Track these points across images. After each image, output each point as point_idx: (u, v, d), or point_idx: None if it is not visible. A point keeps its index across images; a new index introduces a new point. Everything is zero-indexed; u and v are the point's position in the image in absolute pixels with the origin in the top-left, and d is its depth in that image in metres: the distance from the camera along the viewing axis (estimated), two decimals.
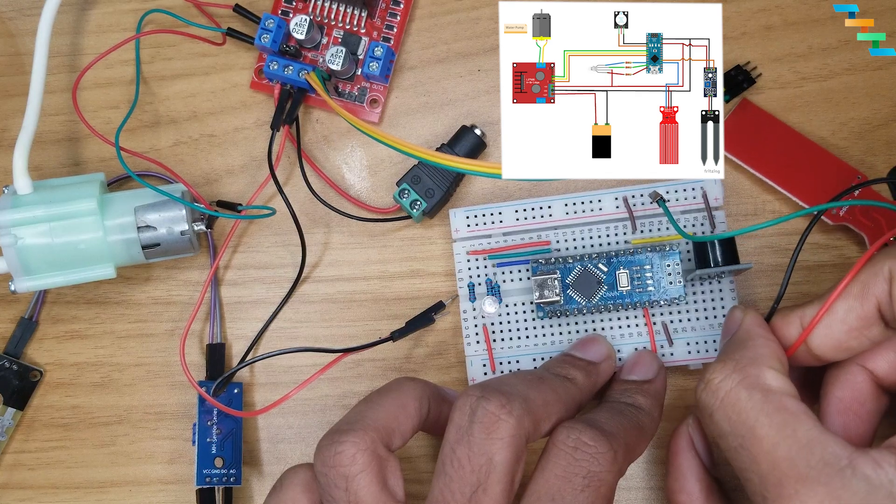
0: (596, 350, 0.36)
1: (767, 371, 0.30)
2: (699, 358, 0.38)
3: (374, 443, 0.30)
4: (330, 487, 0.30)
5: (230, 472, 0.39)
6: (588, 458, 0.30)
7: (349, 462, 0.30)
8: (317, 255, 0.42)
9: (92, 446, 0.41)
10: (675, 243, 0.38)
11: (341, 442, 0.30)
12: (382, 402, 0.32)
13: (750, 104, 0.40)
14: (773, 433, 0.28)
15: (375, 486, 0.30)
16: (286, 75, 0.40)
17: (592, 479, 0.30)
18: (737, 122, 0.40)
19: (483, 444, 0.29)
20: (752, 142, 0.39)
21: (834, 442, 0.27)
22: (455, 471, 0.29)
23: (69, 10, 0.43)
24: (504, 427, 0.29)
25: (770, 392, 0.29)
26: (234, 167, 0.42)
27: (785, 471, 0.27)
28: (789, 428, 0.28)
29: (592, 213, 0.39)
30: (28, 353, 0.42)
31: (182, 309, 0.42)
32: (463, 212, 0.39)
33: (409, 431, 0.32)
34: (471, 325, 0.39)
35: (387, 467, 0.31)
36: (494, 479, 0.29)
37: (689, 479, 0.34)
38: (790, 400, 0.29)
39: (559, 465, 0.30)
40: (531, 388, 0.32)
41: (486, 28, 0.42)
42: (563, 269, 0.38)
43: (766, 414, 0.28)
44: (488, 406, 0.30)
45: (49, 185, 0.39)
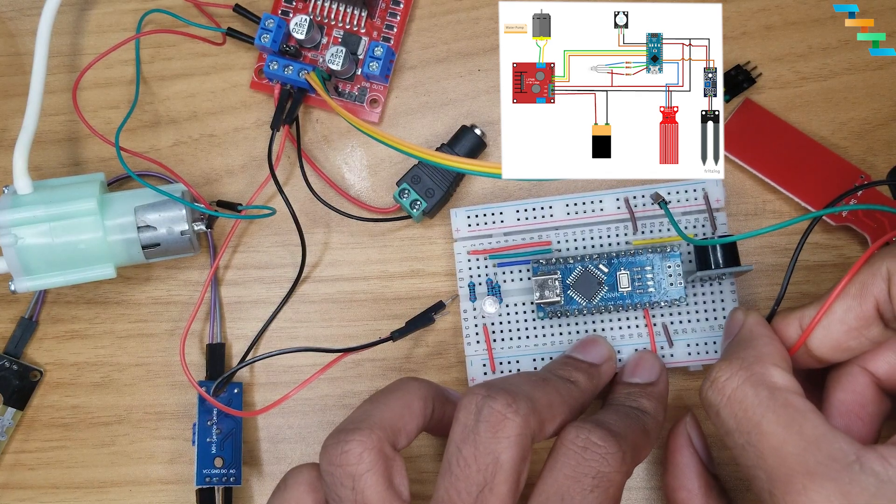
0: (597, 352, 0.36)
1: (773, 369, 0.30)
2: (699, 359, 0.38)
3: (381, 442, 0.30)
4: (336, 486, 0.30)
5: (230, 471, 0.39)
6: (597, 458, 0.30)
7: (356, 461, 0.30)
8: (317, 255, 0.42)
9: (92, 446, 0.41)
10: (676, 244, 0.38)
11: (348, 441, 0.30)
12: (388, 402, 0.32)
13: (753, 104, 0.40)
14: (779, 429, 0.28)
15: (381, 486, 0.30)
16: (286, 75, 0.40)
17: (602, 479, 0.30)
18: (739, 123, 0.40)
19: (489, 443, 0.29)
20: (754, 142, 0.39)
21: (841, 438, 0.27)
22: (461, 470, 0.29)
23: (69, 10, 0.43)
24: (510, 426, 0.29)
25: (776, 389, 0.29)
26: (234, 167, 0.42)
27: (792, 466, 0.27)
28: (796, 424, 0.28)
29: (594, 214, 0.39)
30: (28, 353, 0.42)
31: (182, 309, 0.42)
32: (464, 211, 0.39)
33: (414, 431, 0.32)
34: (471, 324, 0.39)
35: (393, 467, 0.31)
36: (501, 478, 0.29)
37: (688, 475, 0.34)
38: (796, 397, 0.29)
39: (568, 465, 0.30)
40: (536, 388, 0.32)
41: (486, 28, 0.42)
42: (564, 269, 0.38)
43: (772, 410, 0.28)
44: (494, 405, 0.29)
45: (49, 185, 0.39)
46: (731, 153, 0.40)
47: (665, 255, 0.38)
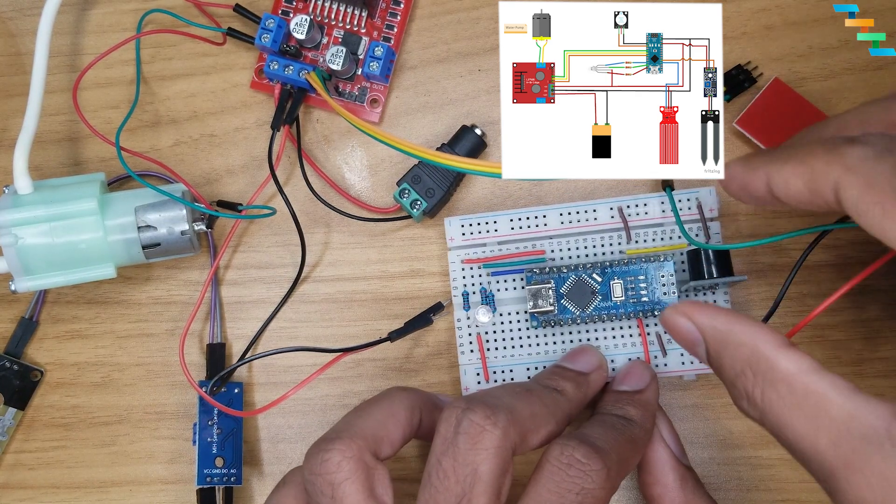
0: (586, 361, 0.36)
1: (776, 354, 0.27)
2: (693, 369, 0.38)
3: (361, 451, 0.31)
4: (317, 495, 0.30)
5: (231, 471, 0.39)
6: (581, 475, 0.30)
7: (335, 469, 0.30)
8: (317, 255, 0.42)
9: (92, 446, 0.41)
10: (670, 254, 0.38)
11: (328, 450, 0.31)
12: (371, 411, 0.33)
13: (781, 84, 0.39)
14: (809, 427, 0.26)
15: (361, 494, 0.30)
16: (286, 75, 0.40)
17: (586, 496, 0.30)
18: (765, 102, 0.39)
19: (467, 454, 0.29)
20: (776, 125, 0.38)
21: (869, 411, 0.26)
22: (440, 481, 0.29)
23: (69, 10, 0.43)
24: (489, 438, 0.29)
25: (791, 379, 0.27)
26: (235, 167, 0.42)
27: (833, 463, 0.26)
28: (822, 412, 0.26)
29: (587, 223, 0.39)
30: (28, 353, 0.42)
31: (182, 309, 0.42)
32: (458, 220, 0.39)
33: (398, 440, 0.33)
34: (465, 333, 0.39)
35: (374, 475, 0.31)
36: (479, 490, 0.29)
37: (662, 470, 0.34)
38: (812, 376, 0.27)
39: (552, 481, 0.30)
40: (518, 399, 0.32)
41: (486, 28, 0.42)
42: (558, 278, 0.38)
43: (796, 407, 0.27)
44: (473, 417, 0.30)
45: (49, 185, 0.39)
46: (752, 135, 0.39)
47: (659, 265, 0.37)
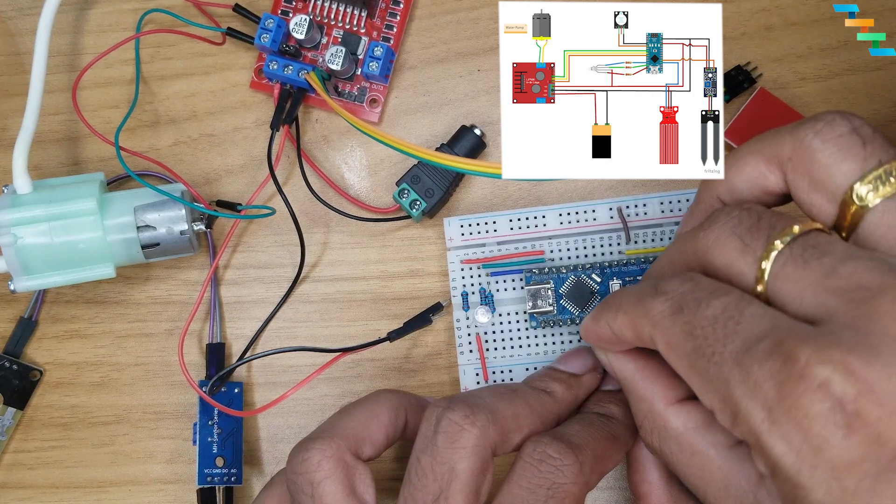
0: (579, 362, 0.36)
1: (667, 412, 0.29)
2: None
3: (341, 450, 0.31)
4: (298, 494, 0.31)
5: (231, 471, 0.39)
6: (552, 471, 0.30)
7: (314, 469, 0.30)
8: (316, 255, 0.42)
9: (91, 446, 0.41)
10: None
11: (308, 449, 0.31)
12: (353, 412, 0.33)
13: (767, 94, 0.39)
14: (698, 480, 0.28)
15: (341, 493, 0.30)
16: (286, 75, 0.40)
17: (557, 490, 0.30)
18: (751, 113, 0.39)
19: (445, 452, 0.29)
20: None
21: (741, 474, 0.27)
22: (419, 479, 0.29)
23: (69, 10, 0.43)
24: (467, 436, 0.29)
25: (680, 438, 0.29)
26: (234, 167, 0.42)
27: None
28: (706, 471, 0.28)
29: (587, 224, 0.39)
30: (28, 353, 0.42)
31: (181, 308, 0.42)
32: (457, 220, 0.39)
33: (381, 440, 0.33)
34: (464, 334, 0.39)
35: (355, 475, 0.31)
36: (456, 487, 0.29)
37: (649, 468, 0.34)
38: (696, 436, 0.29)
39: (524, 477, 0.30)
40: (501, 400, 0.32)
41: (486, 28, 0.42)
42: (557, 278, 0.38)
43: (686, 464, 0.29)
44: (452, 416, 0.30)
45: (49, 185, 0.39)
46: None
47: None
